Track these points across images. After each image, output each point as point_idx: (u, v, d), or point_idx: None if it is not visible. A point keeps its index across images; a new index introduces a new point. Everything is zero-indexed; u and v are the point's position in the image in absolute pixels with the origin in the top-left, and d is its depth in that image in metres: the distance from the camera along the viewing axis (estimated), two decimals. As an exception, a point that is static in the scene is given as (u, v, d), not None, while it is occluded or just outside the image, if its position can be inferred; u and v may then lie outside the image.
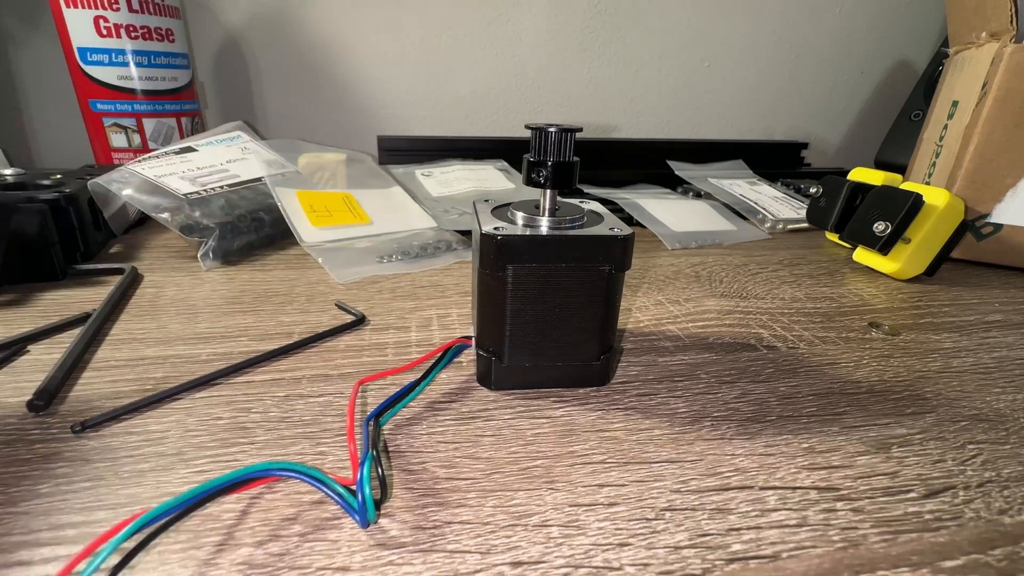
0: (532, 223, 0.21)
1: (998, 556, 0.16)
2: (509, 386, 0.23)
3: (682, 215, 0.49)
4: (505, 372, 0.22)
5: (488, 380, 0.23)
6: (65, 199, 0.33)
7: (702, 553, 0.15)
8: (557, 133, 0.20)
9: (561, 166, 0.21)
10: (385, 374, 0.23)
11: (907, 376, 0.26)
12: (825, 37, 0.74)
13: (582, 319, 0.22)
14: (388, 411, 0.20)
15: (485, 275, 0.21)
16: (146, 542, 0.14)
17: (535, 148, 0.21)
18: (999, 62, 0.38)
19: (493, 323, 0.22)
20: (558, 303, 0.21)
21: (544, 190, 0.21)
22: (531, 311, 0.21)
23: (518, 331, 0.22)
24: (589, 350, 0.22)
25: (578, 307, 0.21)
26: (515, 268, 0.20)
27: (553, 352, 0.22)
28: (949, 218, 0.36)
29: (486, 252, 0.20)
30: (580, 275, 0.21)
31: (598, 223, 0.22)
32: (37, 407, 0.20)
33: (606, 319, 0.22)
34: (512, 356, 0.22)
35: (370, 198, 0.45)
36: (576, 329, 0.22)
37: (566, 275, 0.21)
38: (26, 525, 0.15)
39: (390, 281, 0.34)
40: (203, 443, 0.19)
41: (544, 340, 0.22)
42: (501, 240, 0.20)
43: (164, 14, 0.48)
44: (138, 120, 0.49)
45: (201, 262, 0.35)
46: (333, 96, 0.64)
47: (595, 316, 0.22)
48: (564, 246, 0.20)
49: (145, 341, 0.26)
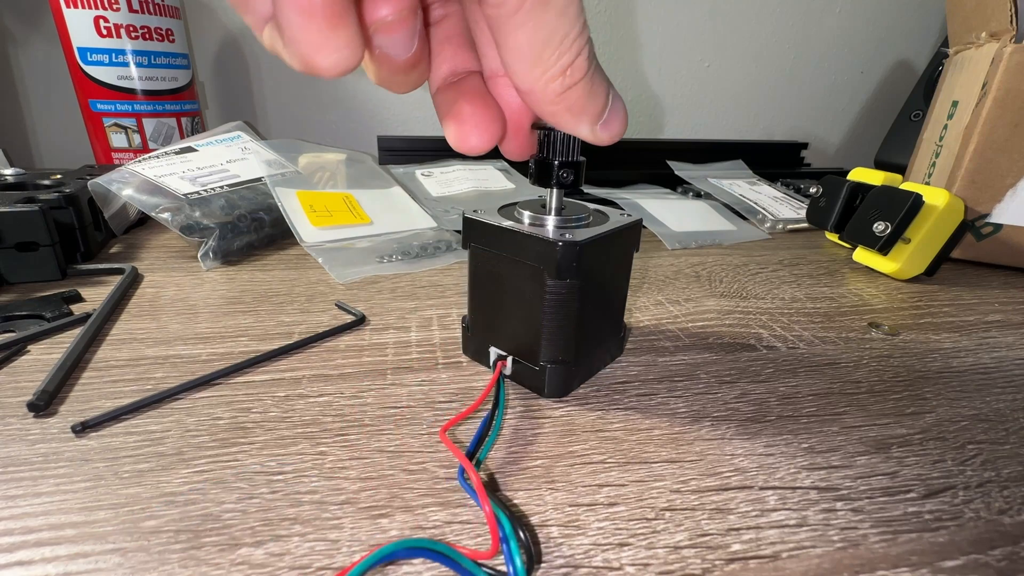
0: (540, 223, 0.21)
1: (998, 556, 0.16)
2: (576, 386, 0.24)
3: (682, 215, 0.49)
4: (574, 375, 0.23)
5: (562, 388, 0.23)
6: (65, 199, 0.33)
7: (702, 553, 0.15)
8: (564, 133, 0.20)
9: (568, 165, 0.21)
10: (462, 416, 0.20)
11: (907, 376, 0.26)
12: (825, 37, 0.74)
13: (618, 298, 0.24)
14: (478, 453, 0.19)
15: (553, 287, 0.20)
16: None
17: (542, 147, 0.21)
18: (999, 62, 0.38)
19: (561, 332, 0.21)
20: (599, 293, 0.23)
21: (551, 189, 0.21)
22: (589, 309, 0.22)
23: (581, 332, 0.22)
24: (617, 326, 0.25)
25: (613, 289, 0.24)
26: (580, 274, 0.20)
27: (602, 339, 0.24)
28: (949, 218, 0.36)
29: (565, 263, 0.20)
30: (616, 258, 0.23)
31: (605, 220, 0.23)
32: (37, 407, 0.20)
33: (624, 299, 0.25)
34: (581, 358, 0.23)
35: (370, 198, 0.45)
36: (614, 310, 0.24)
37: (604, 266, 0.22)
38: (26, 525, 0.15)
39: (390, 281, 0.34)
40: (203, 443, 0.19)
41: (597, 331, 0.23)
42: (580, 246, 0.20)
43: (164, 14, 0.48)
44: (138, 120, 0.49)
45: (201, 262, 0.35)
46: (333, 96, 0.64)
47: (622, 294, 0.25)
48: (606, 243, 0.21)
49: (145, 341, 0.26)
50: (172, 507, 0.16)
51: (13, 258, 0.31)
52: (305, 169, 0.46)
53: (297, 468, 0.18)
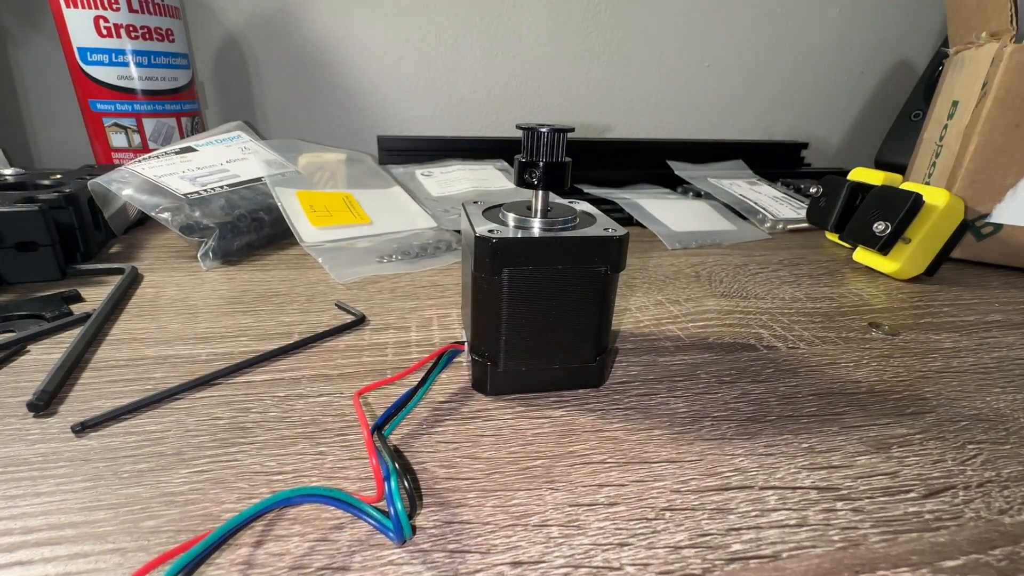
0: (524, 225, 0.21)
1: (998, 556, 0.16)
2: (505, 391, 0.23)
3: (682, 215, 0.49)
4: (501, 377, 0.22)
5: (484, 386, 0.22)
6: (65, 199, 0.33)
7: (702, 553, 0.15)
8: (549, 133, 0.20)
9: (553, 167, 0.20)
10: (381, 383, 0.23)
11: (907, 376, 0.26)
12: (825, 37, 0.74)
13: (578, 321, 0.21)
14: (390, 422, 0.20)
15: (480, 279, 0.21)
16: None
17: (526, 148, 0.21)
18: (999, 62, 0.38)
19: (488, 328, 0.21)
20: (554, 306, 0.21)
21: (536, 191, 0.21)
22: (526, 315, 0.21)
23: (514, 335, 0.21)
24: (585, 352, 0.22)
25: (574, 309, 0.21)
26: (510, 271, 0.20)
27: (548, 355, 0.22)
28: (949, 218, 0.36)
29: (481, 256, 0.20)
30: (576, 277, 0.21)
31: (591, 224, 0.22)
32: (37, 407, 0.20)
33: (602, 320, 0.22)
34: (508, 360, 0.22)
35: (370, 198, 0.45)
36: (572, 331, 0.22)
37: (561, 277, 0.21)
38: (26, 525, 0.15)
39: (390, 281, 0.34)
40: (203, 443, 0.19)
41: (540, 343, 0.22)
42: (496, 243, 0.19)
43: (164, 14, 0.48)
44: (138, 120, 0.49)
45: (201, 262, 0.35)
46: (333, 96, 0.64)
47: (591, 317, 0.22)
48: (559, 248, 0.20)
49: (145, 341, 0.26)
50: (172, 507, 0.16)
51: (13, 258, 0.31)
52: (305, 169, 0.46)
53: (297, 468, 0.18)
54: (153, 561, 0.13)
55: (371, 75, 0.64)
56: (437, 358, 0.24)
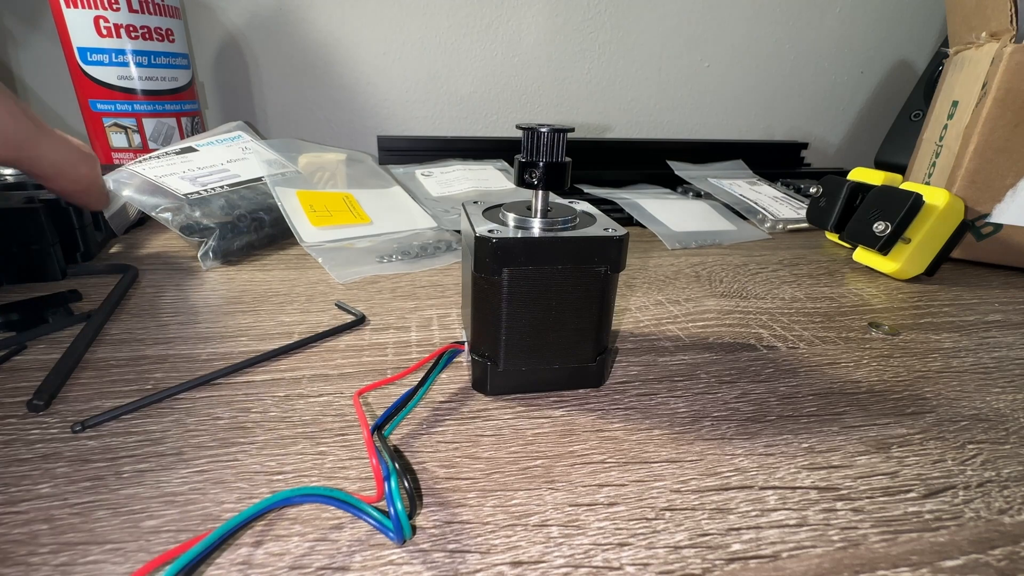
0: (524, 225, 0.21)
1: (998, 556, 0.16)
2: (505, 391, 0.23)
3: (682, 215, 0.49)
4: (501, 377, 0.22)
5: (484, 386, 0.22)
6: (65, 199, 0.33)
7: (702, 553, 0.15)
8: (549, 133, 0.20)
9: (553, 167, 0.20)
10: (381, 383, 0.23)
11: (907, 376, 0.26)
12: (825, 37, 0.74)
13: (578, 321, 0.21)
14: (391, 421, 0.20)
15: (479, 279, 0.21)
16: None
17: (526, 149, 0.20)
18: (999, 62, 0.38)
19: (488, 328, 0.21)
20: (553, 305, 0.21)
21: (536, 191, 0.21)
22: (526, 314, 0.21)
23: (514, 335, 0.21)
24: (585, 352, 0.22)
25: (574, 309, 0.21)
26: (510, 271, 0.20)
27: (548, 355, 0.22)
28: (949, 218, 0.36)
29: (481, 256, 0.20)
30: (576, 276, 0.21)
31: (591, 224, 0.22)
32: (37, 407, 0.20)
33: (601, 320, 0.22)
34: (508, 360, 0.22)
35: (370, 198, 0.45)
36: (572, 331, 0.22)
37: (561, 277, 0.21)
38: (27, 525, 0.15)
39: (390, 281, 0.34)
40: (203, 443, 0.19)
41: (540, 343, 0.22)
42: (496, 243, 0.20)
43: (164, 14, 0.48)
44: (138, 120, 0.49)
45: (201, 262, 0.35)
46: (333, 96, 0.64)
47: (591, 317, 0.22)
48: (559, 248, 0.20)
49: (145, 341, 0.26)
50: (172, 507, 0.16)
51: (13, 258, 0.31)
52: (305, 169, 0.46)
53: (297, 468, 0.18)
54: (153, 561, 0.13)
55: (371, 75, 0.64)
56: (437, 358, 0.24)
